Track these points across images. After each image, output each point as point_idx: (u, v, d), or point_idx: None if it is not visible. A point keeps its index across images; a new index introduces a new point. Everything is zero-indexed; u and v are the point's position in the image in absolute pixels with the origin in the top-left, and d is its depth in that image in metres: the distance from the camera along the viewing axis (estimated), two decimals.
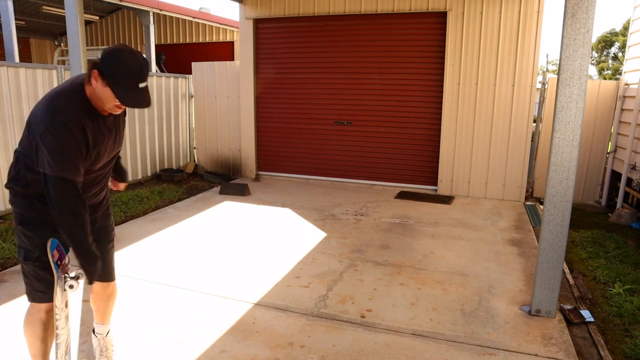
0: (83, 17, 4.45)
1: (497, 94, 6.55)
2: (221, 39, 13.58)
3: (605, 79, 27.59)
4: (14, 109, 5.40)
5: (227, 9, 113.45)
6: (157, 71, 11.63)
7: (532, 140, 7.00)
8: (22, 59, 13.40)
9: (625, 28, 27.56)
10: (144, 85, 2.00)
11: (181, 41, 13.93)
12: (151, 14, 10.70)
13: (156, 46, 11.98)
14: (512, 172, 6.67)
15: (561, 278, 3.27)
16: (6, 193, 5.28)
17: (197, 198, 6.62)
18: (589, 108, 6.70)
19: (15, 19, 9.25)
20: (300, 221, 5.51)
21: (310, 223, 5.42)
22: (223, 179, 8.01)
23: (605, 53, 32.92)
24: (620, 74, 14.51)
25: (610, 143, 6.94)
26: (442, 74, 6.77)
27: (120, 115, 2.24)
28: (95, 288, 2.51)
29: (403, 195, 6.87)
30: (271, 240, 4.84)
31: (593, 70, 32.83)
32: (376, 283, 3.81)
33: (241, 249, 4.57)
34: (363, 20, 7.07)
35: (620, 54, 30.99)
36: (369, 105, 7.27)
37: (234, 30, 13.33)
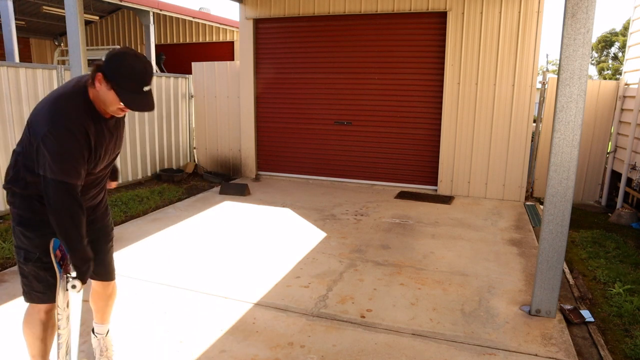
0: (83, 17, 4.45)
1: (497, 94, 6.55)
2: (221, 39, 13.58)
3: (605, 79, 27.59)
4: (14, 109, 5.40)
5: (227, 9, 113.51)
6: (157, 71, 11.63)
7: (532, 140, 7.00)
8: (22, 59, 13.41)
9: (625, 28, 27.55)
10: (148, 88, 2.00)
11: (181, 41, 13.93)
12: (151, 14, 10.70)
13: (156, 46, 11.98)
14: (512, 172, 6.67)
15: (561, 278, 3.27)
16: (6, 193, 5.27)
17: (197, 198, 6.62)
18: (589, 108, 6.70)
19: (15, 19, 9.25)
20: (300, 221, 5.51)
21: (310, 223, 5.42)
22: (223, 179, 8.01)
23: (605, 53, 32.92)
24: (620, 74, 14.50)
25: (610, 143, 6.93)
26: (442, 74, 6.77)
27: (121, 117, 2.24)
28: (95, 287, 2.51)
29: (403, 195, 6.87)
30: (271, 240, 4.85)
31: (593, 70, 32.86)
32: (376, 283, 3.81)
33: (241, 249, 4.57)
34: (363, 20, 7.07)
35: (620, 54, 30.98)
36: (369, 105, 7.27)
37: (234, 30, 13.33)
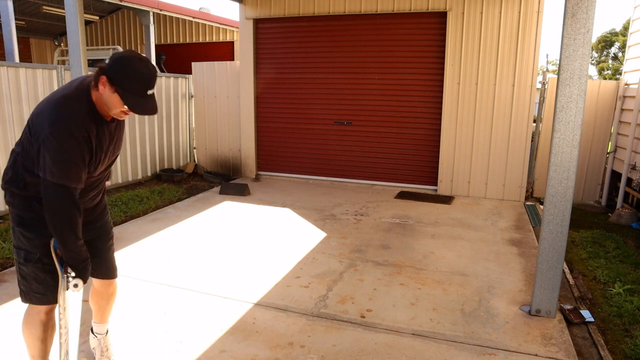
0: (83, 17, 4.45)
1: (497, 94, 6.55)
2: (221, 39, 13.58)
3: (605, 79, 27.59)
4: (14, 109, 5.40)
5: (227, 9, 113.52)
6: (157, 71, 11.62)
7: (532, 140, 7.00)
8: (22, 59, 13.41)
9: (625, 28, 27.55)
10: (152, 92, 2.00)
11: (181, 41, 13.93)
12: (151, 14, 10.70)
13: (156, 46, 11.98)
14: (512, 172, 6.67)
15: (561, 278, 3.27)
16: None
17: (197, 198, 6.62)
18: (589, 108, 6.70)
19: (15, 19, 9.25)
20: (300, 221, 5.51)
21: (310, 223, 5.42)
22: (223, 179, 8.01)
23: (605, 53, 32.92)
24: (620, 74, 14.50)
25: (610, 143, 6.93)
26: (442, 74, 6.77)
27: (121, 120, 2.24)
28: (97, 286, 2.51)
29: (403, 195, 6.87)
30: (271, 240, 4.85)
31: (593, 70, 32.86)
32: (376, 283, 3.81)
33: (241, 249, 4.57)
34: (363, 20, 7.07)
35: (620, 54, 30.99)
36: (369, 105, 7.26)
37: (234, 30, 13.33)
